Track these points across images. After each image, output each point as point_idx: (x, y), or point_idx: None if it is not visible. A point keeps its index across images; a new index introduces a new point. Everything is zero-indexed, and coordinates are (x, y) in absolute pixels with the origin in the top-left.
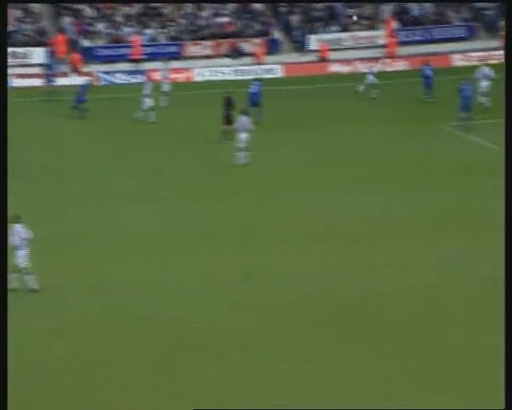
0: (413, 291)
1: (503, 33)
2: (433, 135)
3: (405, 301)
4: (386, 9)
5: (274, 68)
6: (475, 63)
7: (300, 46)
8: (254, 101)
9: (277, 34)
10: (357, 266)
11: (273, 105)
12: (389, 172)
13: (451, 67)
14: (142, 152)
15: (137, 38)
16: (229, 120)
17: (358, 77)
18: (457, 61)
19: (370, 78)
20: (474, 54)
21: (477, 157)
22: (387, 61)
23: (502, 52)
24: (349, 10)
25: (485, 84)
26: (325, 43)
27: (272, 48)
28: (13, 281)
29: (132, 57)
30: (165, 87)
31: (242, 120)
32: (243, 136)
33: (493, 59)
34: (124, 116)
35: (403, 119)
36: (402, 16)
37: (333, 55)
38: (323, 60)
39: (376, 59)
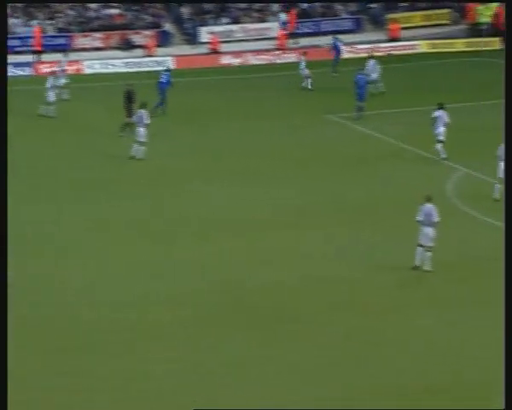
0: (316, 281)
1: (389, 26)
2: (323, 126)
3: (308, 291)
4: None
5: (165, 61)
6: (362, 55)
7: (191, 38)
8: (163, 90)
9: (168, 26)
10: (260, 257)
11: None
12: (284, 164)
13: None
14: (39, 149)
15: (38, 29)
16: (129, 113)
17: (249, 69)
18: (345, 53)
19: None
20: (360, 46)
21: (367, 147)
22: (278, 53)
23: (387, 45)
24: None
25: (374, 76)
26: (216, 36)
27: (163, 40)
28: None
29: (34, 49)
30: (62, 81)
31: (141, 114)
32: (141, 130)
33: (379, 51)
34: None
35: (293, 110)
36: (290, 8)
37: (224, 48)
38: (215, 52)
39: (267, 51)
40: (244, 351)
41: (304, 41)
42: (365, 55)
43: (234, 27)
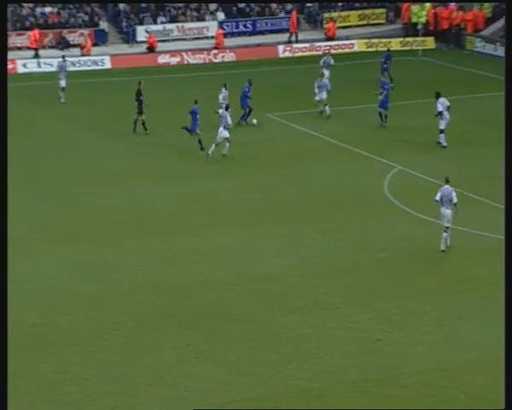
0: (254, 280)
1: (325, 25)
2: (264, 125)
3: (246, 289)
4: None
5: (102, 60)
6: (300, 54)
7: (128, 37)
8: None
9: (105, 25)
10: (197, 256)
11: (103, 97)
12: (223, 162)
13: (278, 58)
14: None
15: None
16: (140, 110)
17: (186, 68)
18: (283, 52)
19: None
20: (297, 45)
21: (305, 145)
22: (215, 51)
23: (325, 43)
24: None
25: (326, 73)
26: (153, 35)
27: (99, 39)
28: None
29: None
30: None
31: (224, 114)
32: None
33: (316, 50)
34: None
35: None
36: (228, 8)
37: (161, 47)
38: (152, 51)
39: (205, 50)
40: (181, 350)
41: (240, 40)
42: (303, 54)
43: (171, 26)
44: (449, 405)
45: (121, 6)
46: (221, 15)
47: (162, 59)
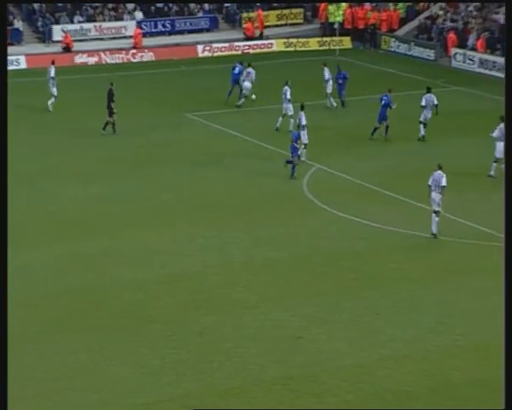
0: (173, 280)
1: (244, 25)
2: (183, 124)
3: (165, 290)
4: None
5: (17, 59)
6: (219, 54)
7: (44, 37)
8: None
9: (19, 24)
10: (115, 257)
11: (19, 98)
12: (141, 162)
13: (197, 58)
14: None
15: None
16: (111, 112)
17: (104, 68)
18: (202, 52)
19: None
20: (217, 45)
21: (226, 145)
22: (134, 51)
23: (243, 43)
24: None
25: (247, 85)
26: (69, 34)
27: (14, 38)
28: None
29: None
30: None
31: (301, 115)
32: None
33: (235, 50)
34: None
35: (152, 109)
36: (146, 7)
37: (78, 46)
38: (68, 51)
39: (123, 50)
40: (96, 353)
41: (159, 40)
42: (222, 53)
43: (88, 26)
44: (367, 400)
45: (36, 5)
46: (139, 15)
47: (79, 59)
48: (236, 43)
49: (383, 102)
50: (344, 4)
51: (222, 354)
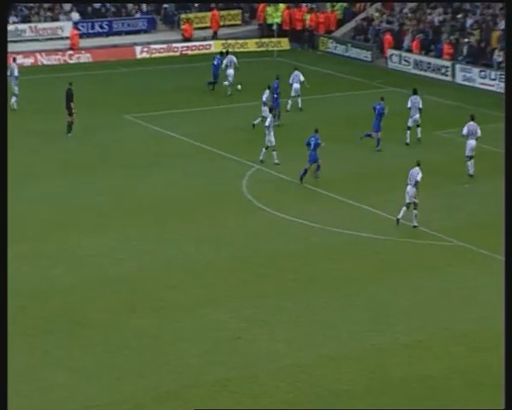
0: (106, 283)
1: (182, 26)
2: (122, 126)
3: (98, 293)
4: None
5: None
6: (157, 55)
7: None
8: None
9: None
10: (47, 261)
11: None
12: (79, 164)
13: (136, 59)
14: None
15: None
16: (70, 113)
17: (41, 69)
18: (140, 53)
19: None
20: (155, 46)
21: (164, 146)
22: (71, 52)
23: (181, 44)
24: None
25: (231, 72)
26: None
27: None
28: None
29: None
30: None
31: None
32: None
33: (174, 51)
34: None
35: (91, 111)
36: (83, 8)
37: (13, 47)
38: None
39: (60, 51)
40: (30, 359)
41: (96, 41)
42: (160, 55)
43: (23, 26)
44: (306, 400)
45: None
46: (76, 16)
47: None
48: (175, 45)
49: (376, 111)
50: (282, 6)
51: (159, 357)
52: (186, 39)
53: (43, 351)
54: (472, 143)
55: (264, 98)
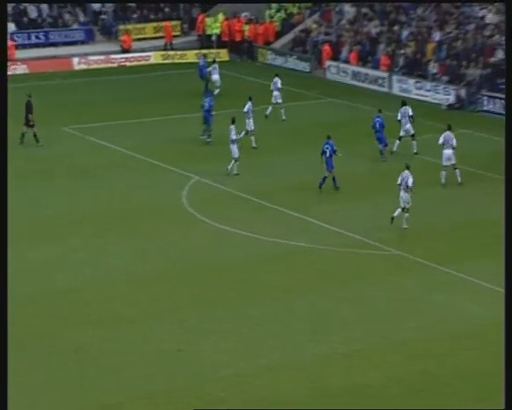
0: (49, 295)
1: (120, 37)
2: (60, 138)
3: (39, 306)
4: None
5: None
6: (96, 66)
7: None
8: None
9: None
10: None
11: None
12: (17, 176)
13: (73, 71)
14: None
15: None
16: (27, 123)
17: None
18: (78, 64)
19: None
20: (93, 57)
21: (103, 158)
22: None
23: (120, 56)
24: None
25: (216, 77)
26: None
27: None
28: None
29: None
30: None
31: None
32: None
33: (112, 62)
34: None
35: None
36: (19, 18)
37: None
38: None
39: None
40: None
41: (33, 52)
42: (98, 66)
43: None
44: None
45: None
46: (11, 27)
47: None
48: (113, 56)
49: (378, 124)
50: (221, 17)
51: (102, 369)
52: (125, 51)
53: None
54: (448, 152)
55: (245, 109)
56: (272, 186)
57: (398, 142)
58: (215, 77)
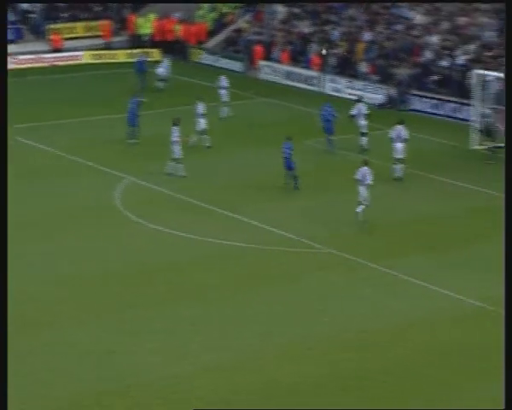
0: None
1: (51, 37)
2: None
3: None
4: None
5: None
6: (26, 66)
7: None
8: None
9: None
10: None
11: None
12: None
13: None
14: None
15: None
16: None
17: None
18: (8, 64)
19: None
20: (22, 57)
21: (37, 160)
22: None
23: (50, 55)
24: None
25: (162, 71)
26: None
27: None
28: None
29: None
30: None
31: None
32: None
33: (42, 61)
34: None
35: None
36: None
37: None
38: None
39: None
40: None
41: None
42: (29, 65)
43: None
44: None
45: None
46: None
47: None
48: (43, 55)
49: (326, 114)
50: (152, 17)
51: (31, 376)
52: (55, 50)
53: None
54: (399, 145)
55: (199, 110)
56: (207, 186)
57: (364, 138)
58: (160, 70)
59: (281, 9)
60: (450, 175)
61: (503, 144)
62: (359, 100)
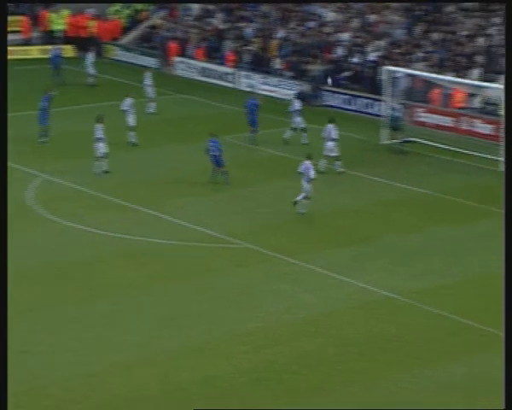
0: None
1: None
2: None
3: None
4: None
5: None
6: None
7: None
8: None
9: None
10: None
11: None
12: None
13: None
14: None
15: None
16: None
17: None
18: None
19: None
20: None
21: None
22: None
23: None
24: None
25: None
26: None
27: None
28: None
29: None
30: None
31: None
32: None
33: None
34: None
35: None
36: None
37: None
38: None
39: None
40: None
41: None
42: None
43: None
44: (99, 409)
45: None
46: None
47: None
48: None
49: (252, 106)
50: (65, 12)
51: None
52: None
53: None
54: (330, 144)
55: (124, 107)
56: (124, 183)
57: (305, 134)
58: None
59: (195, 6)
60: (363, 169)
61: (411, 138)
62: (297, 97)
